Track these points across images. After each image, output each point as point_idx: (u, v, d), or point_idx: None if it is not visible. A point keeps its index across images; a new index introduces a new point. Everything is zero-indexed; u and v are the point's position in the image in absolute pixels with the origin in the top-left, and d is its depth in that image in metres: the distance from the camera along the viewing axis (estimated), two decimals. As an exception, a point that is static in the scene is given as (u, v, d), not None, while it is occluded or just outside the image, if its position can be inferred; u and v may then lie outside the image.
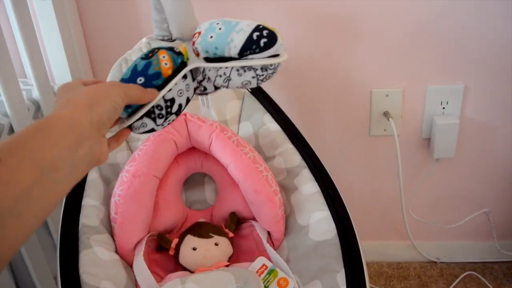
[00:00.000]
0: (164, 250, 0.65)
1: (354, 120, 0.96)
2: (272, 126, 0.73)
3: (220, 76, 0.50)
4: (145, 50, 0.75)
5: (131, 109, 0.48)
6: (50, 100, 0.83)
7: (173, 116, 0.50)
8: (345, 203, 0.63)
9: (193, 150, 0.70)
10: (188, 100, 0.51)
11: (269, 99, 0.77)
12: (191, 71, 0.51)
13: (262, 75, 0.49)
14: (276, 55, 0.48)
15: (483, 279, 1.01)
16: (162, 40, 0.76)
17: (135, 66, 0.50)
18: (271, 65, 0.48)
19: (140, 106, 0.48)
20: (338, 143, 0.98)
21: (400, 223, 1.01)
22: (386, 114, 0.93)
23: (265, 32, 0.47)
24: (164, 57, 0.50)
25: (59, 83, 0.90)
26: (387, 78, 0.91)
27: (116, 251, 0.61)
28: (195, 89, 0.53)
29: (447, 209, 1.03)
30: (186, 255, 0.63)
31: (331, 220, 0.61)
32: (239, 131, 0.78)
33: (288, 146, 0.71)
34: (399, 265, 1.09)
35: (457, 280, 1.02)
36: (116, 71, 0.75)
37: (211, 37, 0.49)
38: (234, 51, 0.48)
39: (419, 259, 1.09)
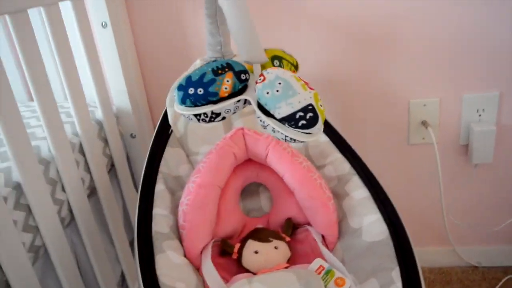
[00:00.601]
0: (227, 254, 0.71)
1: (394, 129, 1.00)
2: (321, 137, 0.79)
3: (260, 120, 0.56)
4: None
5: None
6: (112, 120, 0.91)
7: (213, 123, 0.59)
8: (395, 206, 0.68)
9: (249, 161, 0.76)
10: (232, 114, 0.59)
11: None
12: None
13: (291, 141, 0.55)
14: (309, 133, 0.54)
15: (526, 281, 1.03)
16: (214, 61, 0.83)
17: (203, 75, 0.57)
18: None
19: None
20: (379, 151, 1.03)
21: (441, 228, 1.05)
22: (424, 123, 0.97)
23: (308, 115, 0.53)
24: (228, 81, 0.57)
25: (118, 105, 0.98)
26: (424, 89, 0.95)
27: (185, 255, 0.67)
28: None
29: (487, 213, 1.06)
30: (249, 258, 0.68)
31: (383, 222, 0.66)
32: (287, 143, 0.83)
33: (337, 156, 0.76)
34: (441, 270, 1.11)
35: (500, 284, 1.04)
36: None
37: (267, 93, 0.54)
38: (277, 116, 0.54)
39: (460, 264, 1.11)
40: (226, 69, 0.57)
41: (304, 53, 0.95)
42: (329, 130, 0.79)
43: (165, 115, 0.81)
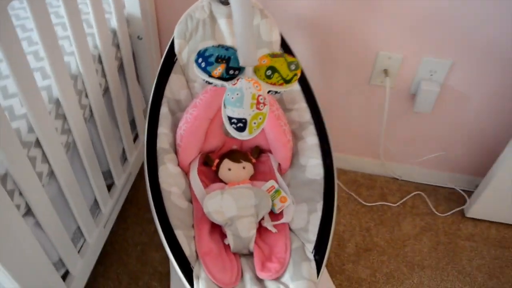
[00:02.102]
0: (208, 165, 0.97)
1: (360, 71, 1.19)
2: (296, 86, 0.98)
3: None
4: (206, 10, 0.95)
5: None
6: (124, 26, 1.05)
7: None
8: (332, 154, 0.93)
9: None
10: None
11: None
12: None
13: None
14: None
15: (426, 198, 1.37)
16: (220, 2, 0.96)
17: (211, 55, 0.77)
18: None
19: None
20: (345, 86, 1.23)
21: (377, 147, 1.33)
22: (385, 72, 1.17)
23: (238, 125, 0.73)
24: (219, 70, 0.78)
25: (129, 11, 1.10)
26: (393, 45, 1.12)
27: (178, 165, 0.93)
28: None
29: (415, 148, 1.34)
30: (224, 173, 0.95)
31: (321, 167, 0.91)
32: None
33: (303, 105, 0.97)
34: (369, 176, 1.43)
35: (409, 196, 1.38)
36: (183, 25, 0.96)
37: (228, 94, 0.75)
38: (225, 112, 0.76)
39: (385, 174, 1.43)
40: (224, 62, 0.74)
41: (300, -5, 1.07)
42: (303, 82, 0.98)
43: (172, 44, 0.97)
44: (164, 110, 0.93)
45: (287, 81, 0.77)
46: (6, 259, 0.68)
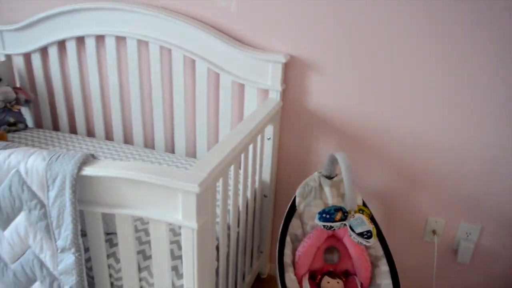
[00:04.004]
0: (312, 279, 1.46)
1: (413, 231, 1.70)
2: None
3: (350, 233, 1.30)
4: (317, 181, 1.56)
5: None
6: (259, 193, 1.68)
7: (330, 227, 1.32)
8: (399, 279, 1.39)
9: (333, 236, 1.50)
10: (337, 228, 1.33)
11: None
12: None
13: (359, 242, 1.28)
14: (368, 241, 1.28)
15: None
16: (325, 177, 1.57)
17: (330, 210, 1.31)
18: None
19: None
20: (399, 241, 1.73)
21: (432, 293, 1.74)
22: (434, 232, 1.67)
23: (367, 234, 1.28)
24: (338, 215, 1.31)
25: (262, 180, 1.74)
26: (437, 211, 1.65)
27: (295, 275, 1.42)
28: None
29: (463, 291, 1.74)
30: (324, 285, 1.43)
31: (391, 285, 1.37)
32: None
33: (377, 244, 1.48)
34: (427, 317, 1.79)
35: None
36: (302, 188, 1.56)
37: (354, 222, 1.29)
38: (356, 231, 1.29)
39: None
40: (340, 210, 1.31)
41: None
42: (377, 229, 1.51)
43: (294, 199, 1.56)
44: (288, 239, 1.48)
45: (369, 215, 1.31)
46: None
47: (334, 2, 1.47)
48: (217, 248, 1.31)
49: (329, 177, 1.56)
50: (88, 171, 1.09)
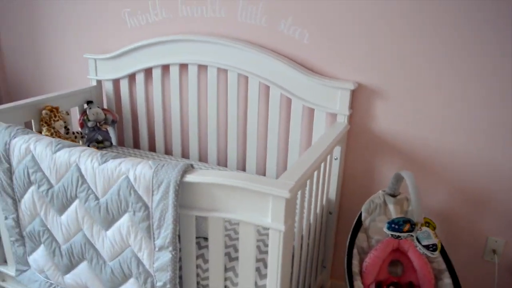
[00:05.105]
0: (379, 289, 1.56)
1: (475, 248, 1.77)
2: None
3: (416, 245, 1.41)
4: (381, 198, 1.68)
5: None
6: (326, 209, 1.81)
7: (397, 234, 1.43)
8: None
9: (397, 250, 1.60)
10: (404, 238, 1.44)
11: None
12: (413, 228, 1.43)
13: (424, 254, 1.38)
14: (432, 253, 1.38)
15: None
16: (389, 194, 1.68)
17: (399, 221, 1.43)
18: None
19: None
20: (460, 258, 1.81)
21: (492, 313, 1.79)
22: (494, 251, 1.74)
23: (433, 247, 1.38)
24: (406, 226, 1.43)
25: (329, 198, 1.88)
26: (496, 231, 1.72)
27: (362, 283, 1.53)
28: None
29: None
30: (390, 294, 1.53)
31: (455, 297, 1.46)
32: (416, 244, 1.67)
33: (440, 259, 1.57)
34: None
35: None
36: (367, 205, 1.68)
37: (421, 234, 1.40)
38: (423, 243, 1.39)
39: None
40: (408, 222, 1.43)
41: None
42: (441, 247, 1.60)
43: (360, 215, 1.68)
44: (355, 251, 1.59)
45: (434, 228, 1.42)
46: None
47: (398, 35, 1.63)
48: (292, 255, 1.45)
49: (393, 195, 1.67)
50: (189, 178, 1.26)
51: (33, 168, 1.53)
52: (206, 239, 1.54)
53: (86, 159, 1.42)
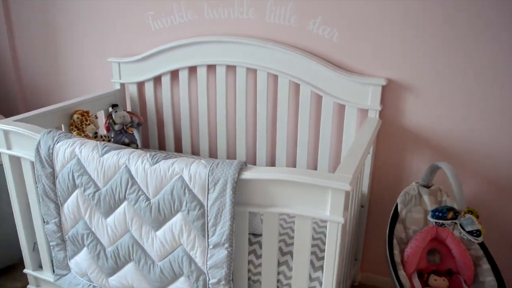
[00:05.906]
0: (421, 277, 1.61)
1: (505, 238, 1.84)
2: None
3: (460, 231, 1.48)
4: (416, 190, 1.74)
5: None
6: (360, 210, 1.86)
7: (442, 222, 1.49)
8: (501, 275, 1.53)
9: (435, 239, 1.66)
10: (447, 226, 1.50)
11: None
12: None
13: (468, 239, 1.45)
14: (477, 239, 1.45)
15: None
16: (423, 186, 1.74)
17: (443, 208, 1.49)
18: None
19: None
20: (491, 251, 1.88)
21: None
22: (522, 237, 1.81)
23: (477, 233, 1.45)
24: (450, 214, 1.48)
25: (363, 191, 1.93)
26: (526, 219, 1.79)
27: (404, 271, 1.58)
28: None
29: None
30: (431, 282, 1.59)
31: (495, 282, 1.52)
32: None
33: (477, 246, 1.63)
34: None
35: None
36: (403, 197, 1.73)
37: (465, 221, 1.46)
38: (467, 229, 1.46)
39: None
40: (451, 210, 1.49)
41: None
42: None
43: (396, 207, 1.73)
44: (394, 242, 1.65)
45: (477, 216, 1.48)
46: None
47: (429, 34, 1.69)
48: (339, 246, 1.50)
49: (427, 186, 1.73)
50: (246, 175, 1.30)
51: (78, 172, 1.54)
52: (254, 235, 1.57)
53: (137, 161, 1.44)
